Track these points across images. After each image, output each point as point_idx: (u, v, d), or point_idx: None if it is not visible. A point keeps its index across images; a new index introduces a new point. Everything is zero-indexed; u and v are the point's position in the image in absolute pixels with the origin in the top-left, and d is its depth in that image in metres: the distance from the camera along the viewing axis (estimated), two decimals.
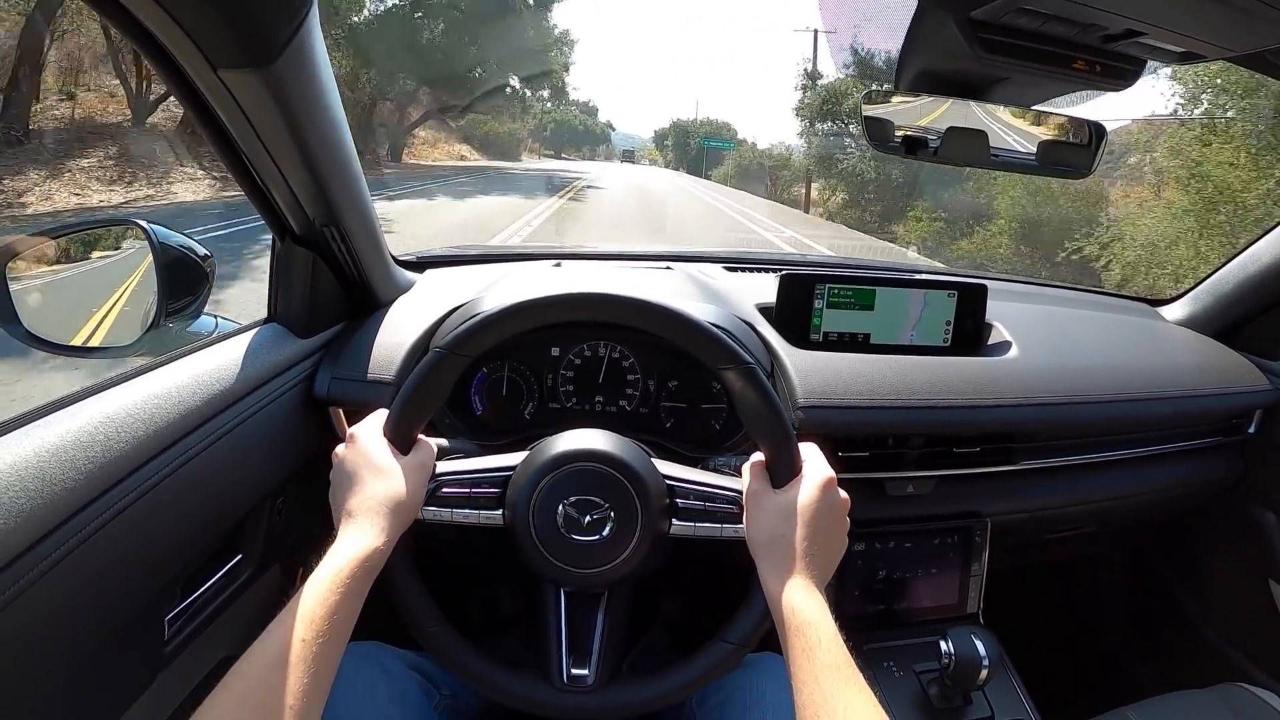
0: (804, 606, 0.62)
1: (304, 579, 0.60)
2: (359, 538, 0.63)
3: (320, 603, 0.57)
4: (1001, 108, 1.00)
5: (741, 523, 0.71)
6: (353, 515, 0.65)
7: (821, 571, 0.66)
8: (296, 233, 0.89)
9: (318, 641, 0.55)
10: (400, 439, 0.70)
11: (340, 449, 0.70)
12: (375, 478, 0.66)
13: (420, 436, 0.72)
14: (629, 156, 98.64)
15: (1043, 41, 0.81)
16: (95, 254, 0.91)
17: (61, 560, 0.56)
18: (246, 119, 0.71)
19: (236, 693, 0.53)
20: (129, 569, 0.65)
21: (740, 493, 0.72)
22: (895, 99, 0.96)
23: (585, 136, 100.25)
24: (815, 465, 0.71)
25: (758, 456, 0.72)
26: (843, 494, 0.70)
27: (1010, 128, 1.07)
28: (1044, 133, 1.07)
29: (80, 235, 0.90)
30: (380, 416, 0.72)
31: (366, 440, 0.69)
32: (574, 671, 0.71)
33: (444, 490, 0.71)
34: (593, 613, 0.74)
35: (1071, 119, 1.06)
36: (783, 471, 0.70)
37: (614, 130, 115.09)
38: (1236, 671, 1.24)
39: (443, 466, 0.72)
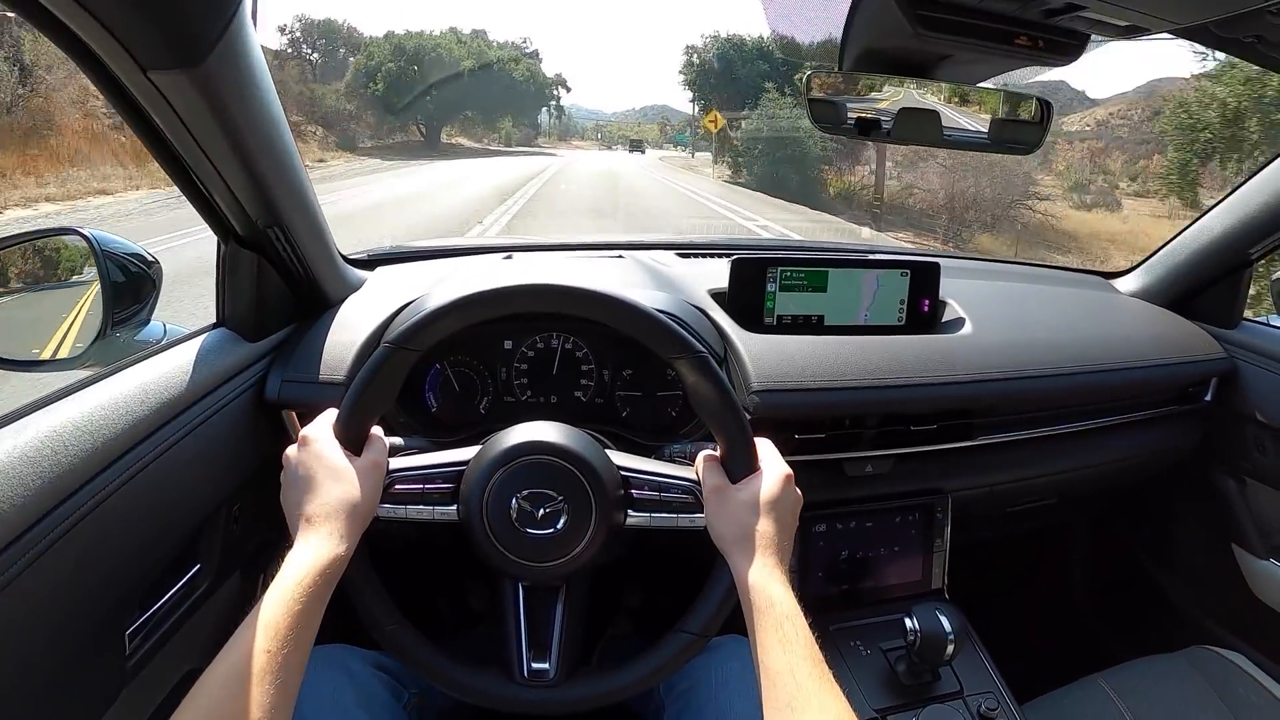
0: (781, 599, 0.63)
1: (265, 587, 0.59)
2: (319, 545, 0.62)
3: (284, 612, 0.57)
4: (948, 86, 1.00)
5: (698, 513, 0.71)
6: (310, 522, 0.64)
7: (787, 562, 0.68)
8: (240, 235, 0.87)
9: (283, 651, 0.55)
10: (352, 438, 0.69)
11: (291, 450, 0.69)
12: (331, 481, 0.65)
13: (373, 433, 0.71)
14: (637, 146, 61.92)
15: (983, 18, 0.81)
16: (35, 266, 0.89)
17: (15, 579, 0.55)
18: (180, 121, 0.69)
19: (203, 707, 0.52)
20: (84, 585, 0.63)
21: (695, 482, 0.72)
22: (840, 80, 0.96)
23: (511, 98, 53.05)
24: (773, 460, 0.72)
25: (709, 450, 0.73)
26: (798, 491, 0.72)
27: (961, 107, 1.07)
28: (994, 111, 1.08)
29: (19, 246, 0.87)
30: (331, 416, 0.71)
31: (318, 442, 0.68)
32: (534, 666, 0.71)
33: (397, 487, 0.70)
34: (552, 606, 0.73)
35: (1022, 96, 1.07)
36: (740, 465, 0.70)
37: (567, 89, 60.47)
38: (1204, 635, 1.26)
39: (396, 463, 0.72)
